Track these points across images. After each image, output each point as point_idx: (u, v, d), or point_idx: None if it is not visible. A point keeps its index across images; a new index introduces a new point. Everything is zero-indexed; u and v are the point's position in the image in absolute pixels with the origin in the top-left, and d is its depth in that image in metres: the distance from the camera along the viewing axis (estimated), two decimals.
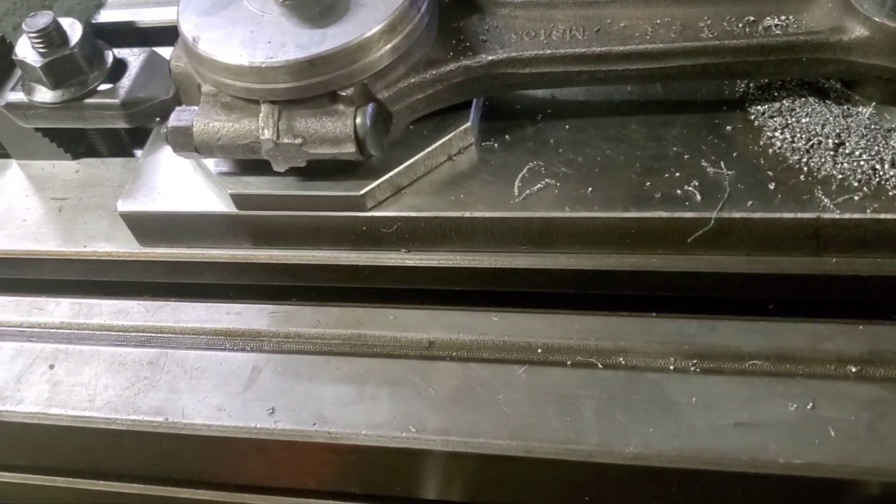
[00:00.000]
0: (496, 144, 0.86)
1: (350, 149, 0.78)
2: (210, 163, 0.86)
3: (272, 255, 0.87)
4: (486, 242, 0.82)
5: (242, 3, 0.82)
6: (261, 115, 0.78)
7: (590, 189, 0.80)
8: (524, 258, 0.82)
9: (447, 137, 0.84)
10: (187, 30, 0.81)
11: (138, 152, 1.01)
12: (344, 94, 0.78)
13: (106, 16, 1.17)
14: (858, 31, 0.74)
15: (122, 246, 0.91)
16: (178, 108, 0.82)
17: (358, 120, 0.77)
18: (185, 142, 0.81)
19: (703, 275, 0.79)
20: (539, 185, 0.81)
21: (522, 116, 0.88)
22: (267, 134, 0.78)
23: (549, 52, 0.80)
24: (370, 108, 0.78)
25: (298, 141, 0.78)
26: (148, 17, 1.17)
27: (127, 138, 1.04)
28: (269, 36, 0.78)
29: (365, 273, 0.85)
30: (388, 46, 0.78)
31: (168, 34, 0.98)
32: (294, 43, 0.77)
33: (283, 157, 0.79)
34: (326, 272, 0.87)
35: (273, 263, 0.87)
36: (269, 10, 0.81)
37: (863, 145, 0.77)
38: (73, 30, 0.94)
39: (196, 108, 0.82)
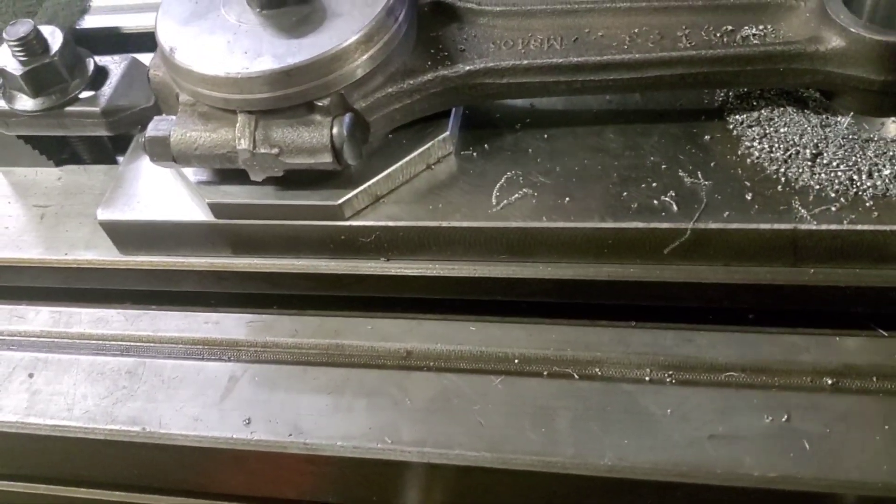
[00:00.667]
0: (475, 153, 0.85)
1: (327, 159, 0.78)
2: (189, 171, 0.86)
3: (251, 264, 0.87)
4: (465, 252, 0.82)
5: (220, 13, 0.82)
6: (237, 125, 0.78)
7: (567, 199, 0.80)
8: (502, 267, 0.82)
9: (426, 147, 0.84)
10: (164, 39, 0.81)
11: (121, 159, 1.01)
12: (320, 104, 0.77)
13: (90, 21, 1.17)
14: (835, 42, 0.74)
15: (103, 254, 0.91)
16: (155, 118, 0.82)
17: (335, 130, 0.77)
18: (163, 152, 0.81)
19: (681, 285, 0.79)
20: (517, 195, 0.81)
21: (502, 125, 0.88)
22: (244, 144, 0.78)
23: (525, 62, 0.80)
24: (347, 118, 0.78)
25: (275, 151, 0.78)
26: (132, 22, 1.17)
27: (110, 145, 1.04)
28: (245, 46, 0.78)
29: (344, 281, 0.85)
30: (365, 57, 0.78)
31: (152, 40, 0.97)
32: (270, 53, 0.77)
33: (260, 166, 0.79)
34: (305, 280, 0.86)
35: (252, 272, 0.87)
36: (247, 19, 0.81)
37: (840, 156, 0.76)
38: (54, 38, 0.94)
39: (174, 117, 0.82)
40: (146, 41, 1.04)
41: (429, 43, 0.85)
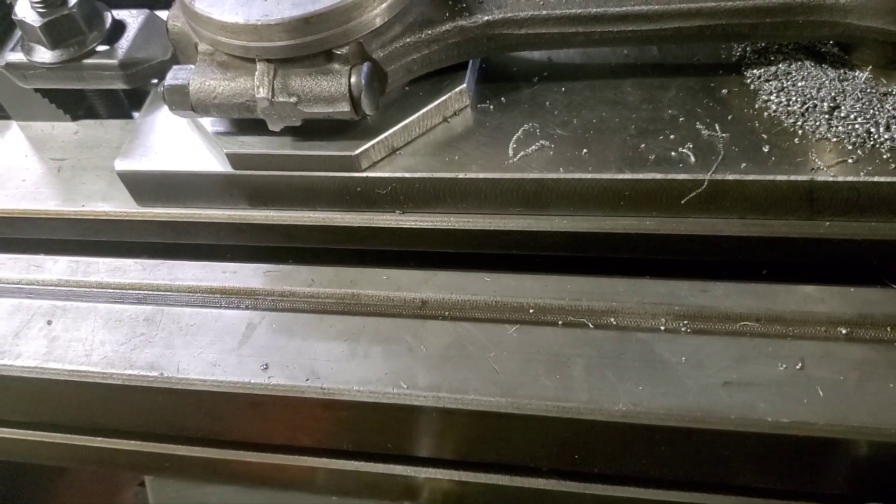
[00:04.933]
0: (492, 106, 0.86)
1: (345, 108, 0.78)
2: (207, 122, 0.86)
3: (268, 216, 0.88)
4: (481, 204, 0.83)
5: None
6: (256, 73, 0.78)
7: (584, 151, 0.80)
8: (518, 220, 0.82)
9: (442, 99, 0.84)
10: None
11: (137, 114, 1.01)
12: (339, 52, 0.78)
13: None
14: None
15: (120, 206, 0.91)
16: (174, 67, 0.82)
17: (353, 79, 0.77)
18: (182, 100, 0.81)
19: (697, 238, 0.79)
20: (534, 147, 0.81)
21: (519, 78, 0.88)
22: (262, 92, 0.78)
23: (544, 13, 0.80)
24: (365, 67, 0.78)
25: (293, 99, 0.78)
26: None
27: (126, 100, 1.05)
28: None
29: (360, 234, 0.86)
30: (384, 6, 0.78)
31: None
32: (289, 1, 0.77)
33: (279, 115, 0.80)
34: (321, 233, 0.87)
35: (269, 224, 0.88)
36: None
37: (858, 108, 0.76)
38: None
39: (193, 66, 0.82)
40: None
41: None
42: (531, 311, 0.79)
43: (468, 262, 0.86)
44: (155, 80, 0.96)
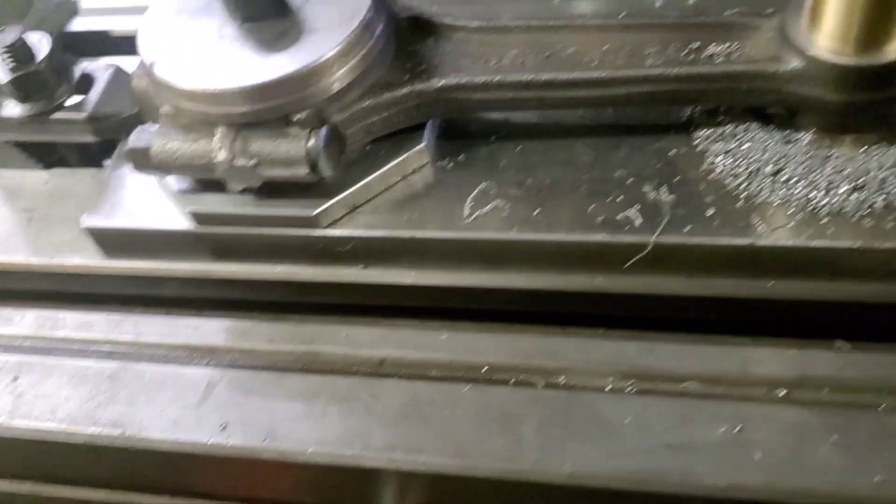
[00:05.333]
0: (450, 164, 0.88)
1: (303, 171, 0.80)
2: (171, 179, 0.88)
3: (231, 270, 0.90)
4: (439, 260, 0.85)
5: (201, 25, 0.84)
6: (216, 137, 0.80)
7: (537, 211, 0.82)
8: (476, 276, 0.85)
9: (402, 158, 0.86)
10: (146, 52, 0.83)
11: (108, 162, 1.03)
12: (297, 117, 0.80)
13: (79, 24, 1.19)
14: (794, 63, 0.76)
15: (88, 258, 0.93)
16: (138, 128, 0.85)
17: (311, 143, 0.79)
18: (145, 161, 0.83)
19: (645, 296, 0.81)
20: (489, 207, 0.83)
21: (477, 136, 0.90)
22: (222, 156, 0.80)
23: (497, 78, 0.83)
24: (324, 131, 0.80)
25: (253, 163, 0.80)
26: (122, 25, 1.19)
27: (97, 148, 1.06)
28: (225, 60, 0.80)
29: (322, 288, 0.88)
30: (342, 71, 0.80)
31: None
32: (249, 68, 0.79)
33: (239, 177, 0.82)
34: (284, 287, 0.89)
35: (231, 278, 0.90)
36: (227, 32, 0.83)
37: (800, 172, 0.79)
38: (42, 45, 0.96)
39: (155, 126, 0.84)
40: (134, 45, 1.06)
41: (406, 57, 0.87)
42: (484, 370, 0.81)
43: (429, 314, 0.88)
44: (124, 133, 0.97)
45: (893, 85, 0.75)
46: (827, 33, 0.74)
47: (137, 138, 0.83)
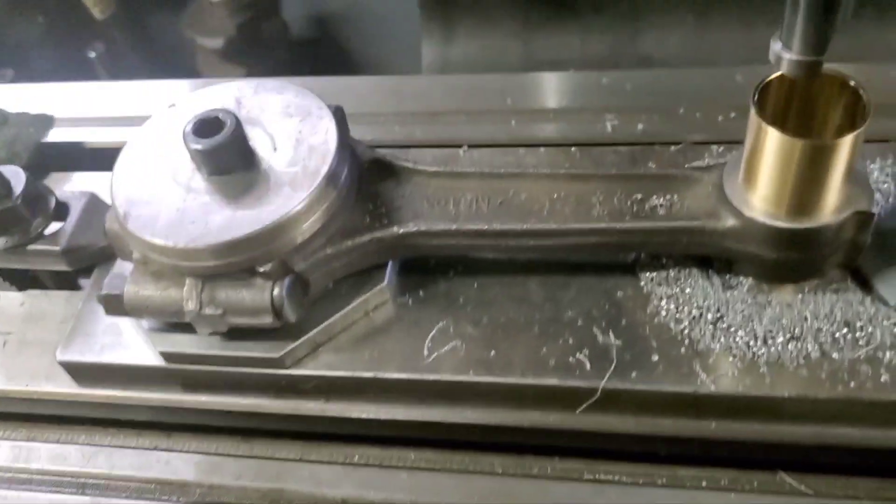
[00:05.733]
0: (410, 300, 0.92)
1: (267, 319, 0.84)
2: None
3: (200, 401, 0.94)
4: (400, 397, 0.89)
5: (171, 175, 0.88)
6: (185, 288, 0.84)
7: (492, 352, 0.87)
8: (435, 411, 0.88)
9: (364, 297, 0.90)
10: (119, 203, 0.87)
11: (83, 282, 1.07)
12: (262, 269, 0.83)
13: (56, 135, 1.22)
14: (730, 221, 0.81)
15: (62, 385, 0.97)
16: (111, 274, 0.88)
17: (275, 292, 0.83)
18: (117, 307, 0.87)
19: (595, 434, 0.85)
20: (447, 347, 0.88)
21: (437, 272, 0.94)
22: (190, 305, 0.84)
23: (454, 227, 0.87)
24: (287, 280, 0.84)
25: (219, 311, 0.84)
26: (97, 137, 1.23)
27: (73, 272, 1.09)
28: (193, 216, 0.84)
29: (287, 420, 0.92)
30: (306, 224, 0.84)
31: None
32: (216, 224, 0.83)
33: (207, 324, 0.86)
34: (250, 418, 0.93)
35: (200, 409, 0.93)
36: (196, 185, 0.87)
37: (739, 321, 0.84)
38: (17, 179, 1.00)
39: (128, 270, 0.88)
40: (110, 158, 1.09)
41: (368, 199, 0.91)
42: None
43: (391, 442, 0.92)
44: (97, 263, 1.01)
45: (825, 244, 0.80)
46: (761, 197, 0.79)
47: (110, 284, 0.87)
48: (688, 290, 0.87)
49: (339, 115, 0.94)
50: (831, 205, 0.78)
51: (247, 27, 2.04)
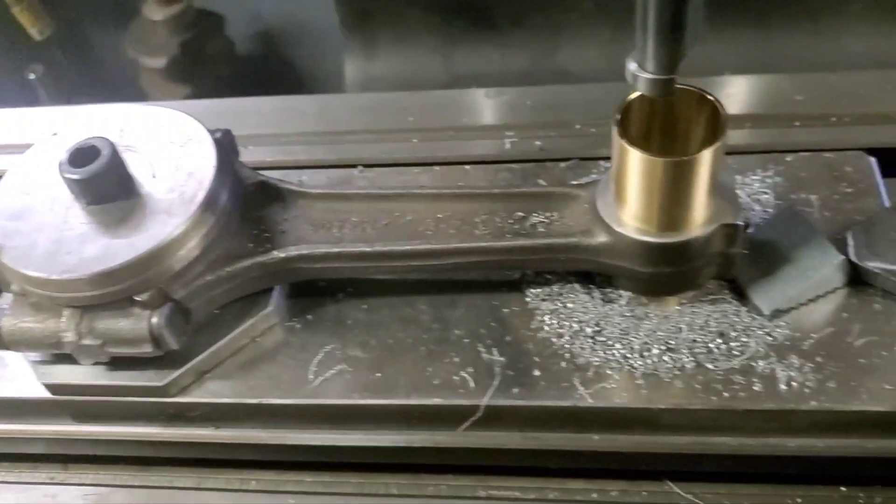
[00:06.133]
0: (298, 325, 0.92)
1: (147, 348, 0.83)
2: None
3: (91, 431, 0.93)
4: (288, 421, 0.89)
5: (49, 208, 0.87)
6: (63, 319, 0.83)
7: (378, 374, 0.87)
8: (324, 435, 0.88)
9: (249, 323, 0.90)
10: None
11: None
12: (140, 298, 0.83)
13: None
14: (603, 238, 0.82)
15: None
16: None
17: (154, 321, 0.83)
18: None
19: (483, 450, 0.86)
20: (333, 371, 0.88)
21: (325, 294, 0.94)
22: (69, 337, 0.83)
23: (336, 250, 0.87)
24: (166, 308, 0.83)
25: (99, 342, 0.83)
26: None
27: None
28: (69, 247, 0.83)
29: (177, 447, 0.91)
30: (183, 251, 0.84)
31: None
32: (93, 254, 0.83)
33: (87, 355, 0.85)
34: (145, 447, 0.92)
35: (91, 439, 0.92)
36: (74, 214, 0.86)
37: (616, 334, 0.85)
38: None
39: (6, 302, 0.87)
40: None
41: (252, 223, 0.91)
42: None
43: (284, 465, 0.92)
44: None
45: (695, 257, 0.81)
46: (631, 214, 0.80)
47: None
48: (570, 305, 0.87)
49: (227, 139, 0.94)
50: (699, 219, 0.79)
51: (190, 45, 2.01)
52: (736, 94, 1.12)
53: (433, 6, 1.73)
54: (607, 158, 1.03)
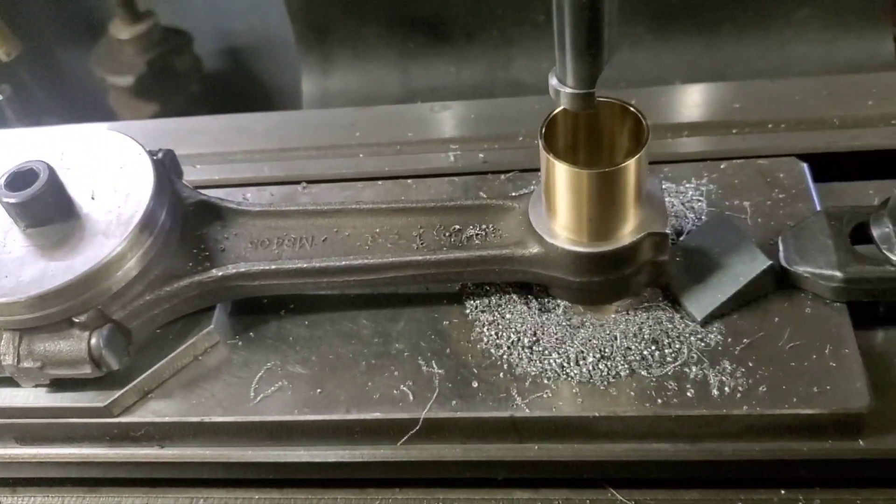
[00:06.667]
0: (240, 342, 0.93)
1: (87, 370, 0.84)
2: None
3: (35, 454, 0.93)
4: (231, 439, 0.89)
5: None
6: (1, 342, 0.83)
7: (319, 390, 0.87)
8: (267, 452, 0.89)
9: (191, 342, 0.90)
10: None
11: None
12: (79, 319, 0.83)
13: None
14: (536, 248, 0.84)
15: None
16: None
17: (93, 342, 0.83)
18: None
19: (426, 463, 0.87)
20: (273, 388, 0.88)
21: (268, 311, 0.95)
22: (8, 360, 0.84)
23: (273, 267, 0.88)
24: (105, 329, 0.84)
25: (38, 364, 0.84)
26: None
27: None
28: (7, 270, 0.84)
29: (123, 467, 0.91)
30: (120, 273, 0.84)
31: None
32: (30, 276, 0.83)
33: (27, 378, 0.85)
34: (91, 468, 0.92)
35: (36, 462, 0.92)
36: (13, 238, 0.86)
37: (553, 343, 0.86)
38: None
39: None
40: None
41: (192, 242, 0.91)
42: None
43: (232, 483, 0.92)
44: None
45: (625, 265, 0.83)
46: (561, 224, 0.81)
47: None
48: (508, 316, 0.89)
49: (168, 158, 0.94)
50: (627, 228, 0.80)
51: (157, 63, 2.02)
52: (675, 102, 1.14)
53: (388, 22, 1.74)
54: None
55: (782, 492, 0.85)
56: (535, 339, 0.86)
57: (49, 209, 0.86)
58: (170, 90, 2.10)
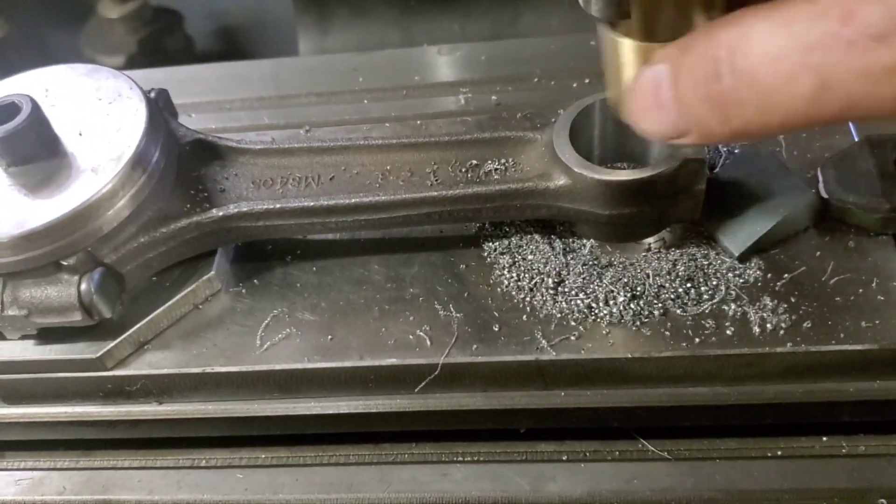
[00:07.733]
0: (244, 290, 0.86)
1: (77, 317, 0.77)
2: None
3: (26, 413, 0.87)
4: (235, 392, 0.83)
5: None
6: None
7: (329, 337, 0.81)
8: (275, 405, 0.83)
9: (190, 288, 0.84)
10: None
11: None
12: (66, 263, 0.77)
13: None
14: (562, 180, 0.77)
15: None
16: None
17: (83, 287, 0.77)
18: None
19: (444, 413, 0.81)
20: (281, 335, 0.82)
21: (272, 257, 0.89)
22: None
23: (278, 206, 0.82)
24: (96, 273, 0.78)
25: (24, 312, 0.77)
26: None
27: None
28: None
29: (118, 426, 0.85)
30: (111, 212, 0.78)
31: None
32: (13, 217, 0.77)
33: (12, 327, 0.79)
34: (80, 426, 0.86)
35: (26, 422, 0.86)
36: None
37: (580, 283, 0.80)
38: None
39: None
40: None
41: (189, 183, 0.85)
42: None
43: (232, 442, 0.86)
44: None
45: (657, 196, 0.76)
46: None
47: None
48: (529, 257, 0.83)
49: (162, 98, 0.88)
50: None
51: (148, 43, 1.96)
52: None
53: None
54: None
55: (824, 439, 0.79)
56: (559, 279, 0.81)
57: (33, 145, 0.80)
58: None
